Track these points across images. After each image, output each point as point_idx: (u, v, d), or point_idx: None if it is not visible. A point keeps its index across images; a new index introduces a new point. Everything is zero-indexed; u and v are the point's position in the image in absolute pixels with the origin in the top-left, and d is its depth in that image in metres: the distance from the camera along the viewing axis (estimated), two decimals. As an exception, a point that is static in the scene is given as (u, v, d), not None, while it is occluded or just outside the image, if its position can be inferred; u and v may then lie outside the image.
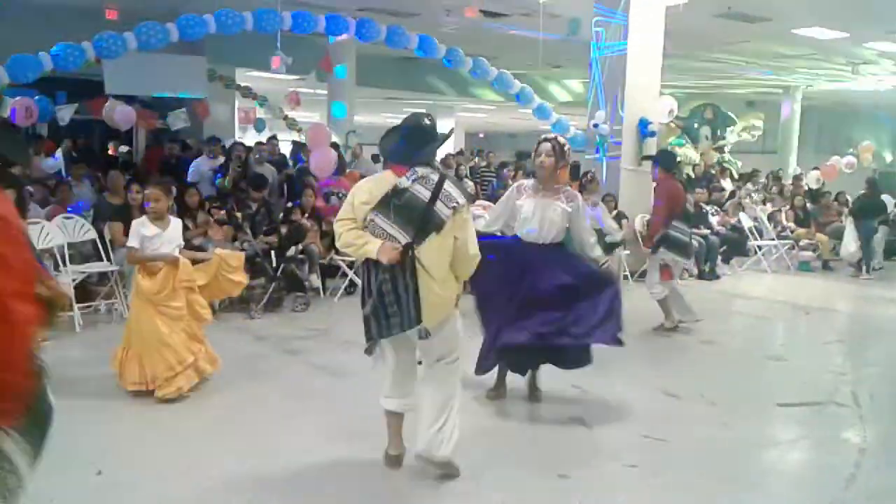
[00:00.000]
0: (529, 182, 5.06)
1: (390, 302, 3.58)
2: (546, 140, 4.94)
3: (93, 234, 7.29)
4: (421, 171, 3.65)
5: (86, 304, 7.04)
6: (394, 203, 3.60)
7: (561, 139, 5.01)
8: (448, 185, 3.65)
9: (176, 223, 5.26)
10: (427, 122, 3.77)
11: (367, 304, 3.66)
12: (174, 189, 5.60)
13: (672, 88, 14.12)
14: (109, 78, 11.14)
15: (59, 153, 11.32)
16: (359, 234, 3.63)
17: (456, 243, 3.68)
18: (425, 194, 3.61)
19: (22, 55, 7.54)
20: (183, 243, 5.35)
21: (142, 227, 5.06)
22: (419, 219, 3.57)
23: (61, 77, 9.19)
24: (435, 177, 3.66)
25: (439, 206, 3.60)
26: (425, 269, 3.57)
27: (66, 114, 10.63)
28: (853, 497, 3.90)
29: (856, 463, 4.30)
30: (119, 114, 10.56)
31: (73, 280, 6.79)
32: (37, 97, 10.14)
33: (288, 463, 4.09)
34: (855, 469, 4.22)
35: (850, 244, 11.21)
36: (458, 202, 3.64)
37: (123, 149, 12.42)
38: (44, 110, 10.28)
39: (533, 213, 4.87)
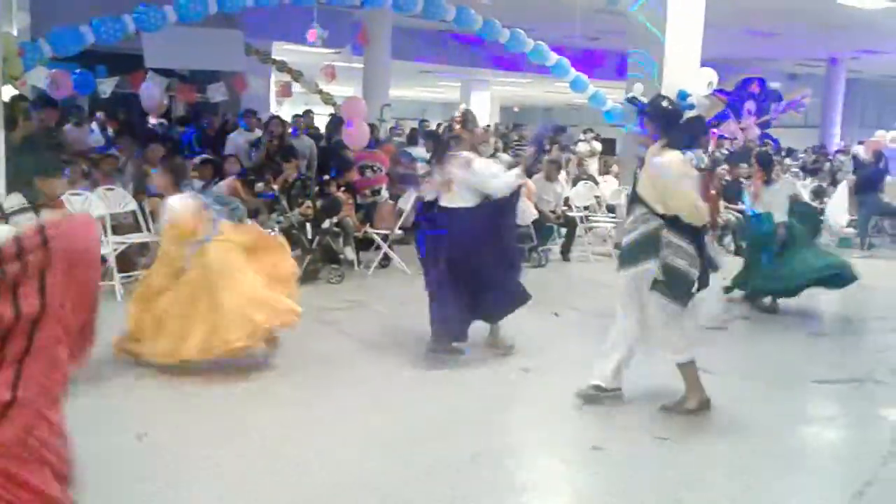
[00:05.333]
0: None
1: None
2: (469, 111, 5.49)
3: (133, 206, 7.43)
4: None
5: (127, 274, 7.17)
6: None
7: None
8: None
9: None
10: None
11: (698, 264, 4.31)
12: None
13: (713, 60, 13.76)
14: (148, 51, 11.24)
15: (94, 125, 11.49)
16: None
17: None
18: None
19: (63, 28, 7.63)
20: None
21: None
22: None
23: (102, 51, 9.30)
24: None
25: None
26: None
27: (106, 87, 10.80)
28: (891, 475, 3.86)
29: (893, 440, 4.26)
30: (147, 94, 10.76)
31: (115, 249, 6.94)
32: (78, 70, 10.30)
33: (324, 431, 4.17)
34: (893, 446, 4.17)
35: (841, 216, 10.84)
36: None
37: (154, 121, 12.54)
38: (85, 83, 10.44)
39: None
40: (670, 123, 4.46)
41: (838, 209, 10.96)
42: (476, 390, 4.86)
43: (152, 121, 12.28)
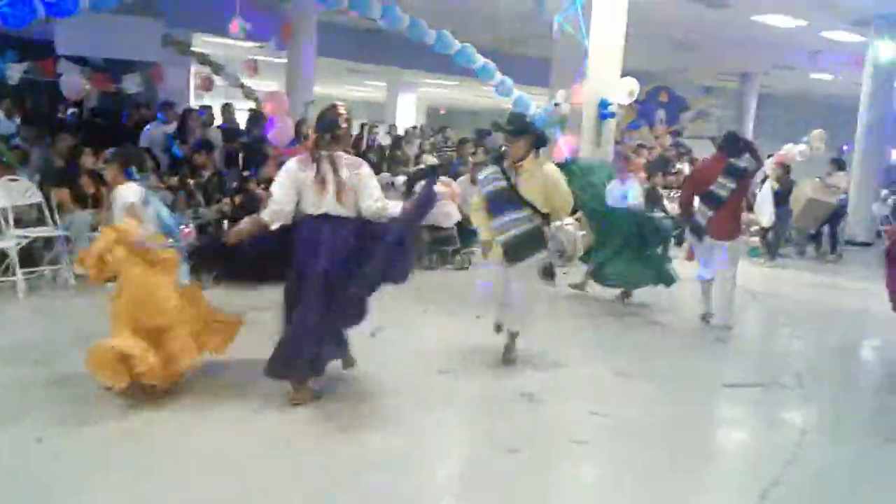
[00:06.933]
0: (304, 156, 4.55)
1: None
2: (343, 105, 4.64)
3: (38, 198, 7.08)
4: None
5: (30, 270, 6.84)
6: None
7: None
8: None
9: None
10: None
11: None
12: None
13: (631, 71, 14.13)
14: (61, 38, 10.78)
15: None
16: None
17: None
18: None
19: (-33, 10, 7.22)
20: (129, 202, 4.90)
21: None
22: None
23: (11, 35, 8.88)
24: None
25: None
26: None
27: (15, 73, 10.29)
28: (794, 476, 3.98)
29: (797, 443, 4.40)
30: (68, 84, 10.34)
31: (18, 244, 6.61)
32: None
33: (237, 433, 4.06)
34: (796, 449, 4.31)
35: (766, 215, 11.28)
36: None
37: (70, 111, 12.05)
38: (-9, 69, 9.94)
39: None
40: (539, 137, 5.28)
41: (763, 208, 11.32)
42: (391, 391, 4.81)
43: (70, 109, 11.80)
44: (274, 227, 4.56)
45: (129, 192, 4.92)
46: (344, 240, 4.44)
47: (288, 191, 4.47)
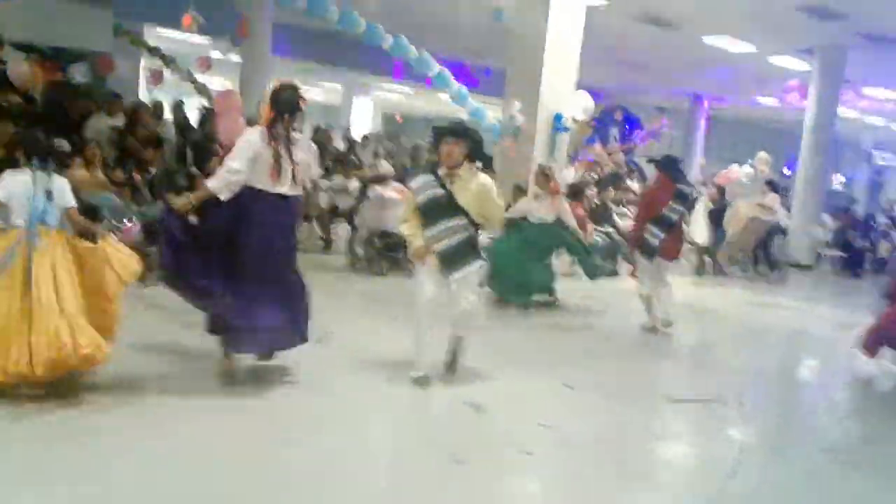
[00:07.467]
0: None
1: None
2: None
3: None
4: None
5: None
6: None
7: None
8: None
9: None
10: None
11: None
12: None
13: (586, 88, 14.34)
14: (6, 23, 10.44)
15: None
16: None
17: None
18: None
19: None
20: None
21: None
22: None
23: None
24: None
25: None
26: None
27: (-46, 58, 9.92)
28: (735, 490, 4.03)
29: (737, 458, 4.46)
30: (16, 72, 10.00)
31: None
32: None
33: (185, 431, 3.95)
34: (736, 464, 4.37)
35: (701, 234, 11.67)
36: None
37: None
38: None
39: None
40: (477, 144, 5.16)
41: (697, 227, 11.59)
42: (335, 398, 4.74)
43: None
44: (223, 197, 4.51)
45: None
46: (294, 220, 4.97)
47: (248, 163, 4.52)
